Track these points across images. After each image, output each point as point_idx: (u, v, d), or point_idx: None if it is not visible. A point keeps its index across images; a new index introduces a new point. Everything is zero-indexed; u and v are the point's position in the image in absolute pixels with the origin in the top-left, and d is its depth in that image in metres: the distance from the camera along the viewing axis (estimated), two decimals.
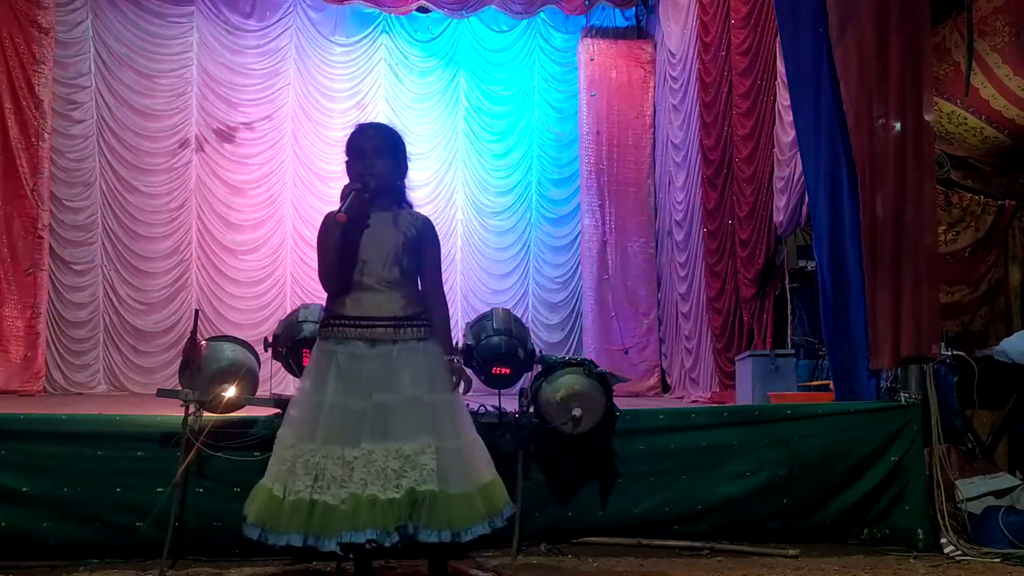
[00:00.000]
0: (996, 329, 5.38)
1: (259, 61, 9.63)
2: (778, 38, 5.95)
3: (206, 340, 3.57)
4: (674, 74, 8.93)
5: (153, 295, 9.21)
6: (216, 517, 3.41)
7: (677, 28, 8.86)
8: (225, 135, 9.48)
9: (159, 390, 3.69)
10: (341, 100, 9.79)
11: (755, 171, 7.03)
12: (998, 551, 3.59)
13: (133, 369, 9.05)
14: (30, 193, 8.48)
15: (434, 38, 10.02)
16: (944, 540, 3.68)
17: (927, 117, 4.05)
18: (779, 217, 6.47)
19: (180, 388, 3.40)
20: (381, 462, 2.59)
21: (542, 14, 9.80)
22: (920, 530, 3.74)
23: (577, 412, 3.50)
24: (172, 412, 3.47)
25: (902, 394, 3.93)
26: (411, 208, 2.88)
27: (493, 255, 10.02)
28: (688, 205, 8.53)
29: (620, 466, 3.74)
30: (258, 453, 3.35)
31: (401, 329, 2.72)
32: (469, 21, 9.85)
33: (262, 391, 3.68)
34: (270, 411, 3.57)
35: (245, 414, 3.57)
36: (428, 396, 2.69)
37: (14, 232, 8.43)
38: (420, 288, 2.84)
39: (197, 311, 3.85)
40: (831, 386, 4.56)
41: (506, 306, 6.02)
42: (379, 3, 9.32)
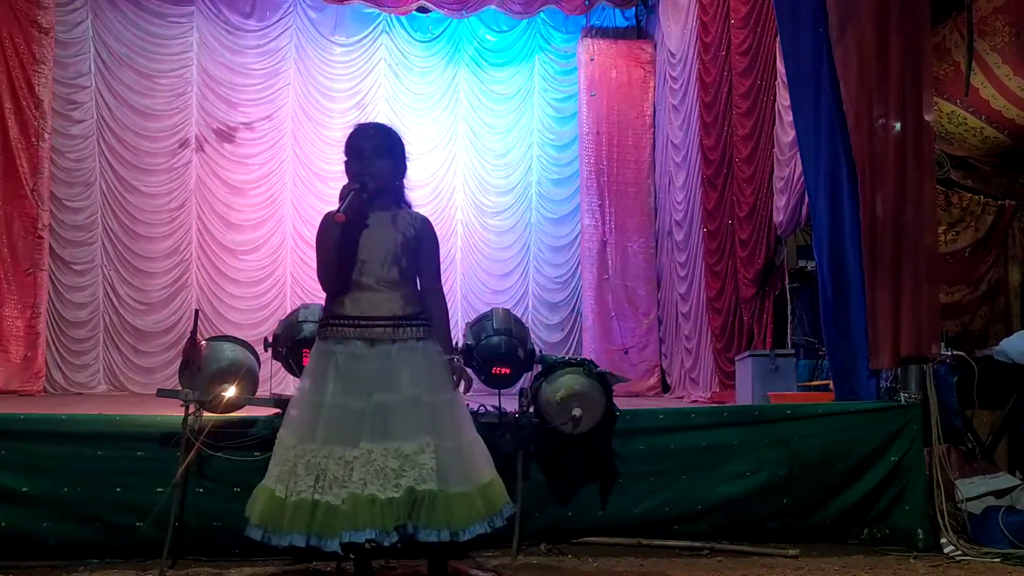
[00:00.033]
0: (996, 329, 5.38)
1: (259, 61, 9.62)
2: (778, 38, 5.95)
3: (206, 340, 3.57)
4: (674, 74, 8.92)
5: (153, 295, 9.20)
6: (216, 517, 3.41)
7: (677, 28, 8.86)
8: (225, 135, 9.48)
9: (159, 390, 3.69)
10: (341, 100, 9.78)
11: (755, 171, 7.03)
12: (998, 551, 3.59)
13: (133, 369, 9.04)
14: (30, 193, 8.47)
15: (434, 38, 10.01)
16: (944, 540, 3.68)
17: (927, 117, 4.05)
18: (779, 217, 6.47)
19: (180, 388, 3.40)
20: (380, 462, 2.59)
21: (542, 14, 9.78)
22: (920, 530, 3.74)
23: (577, 412, 3.50)
24: (172, 412, 3.47)
25: (902, 394, 3.93)
26: (410, 208, 2.88)
27: (493, 255, 10.00)
28: (688, 205, 8.53)
29: (620, 466, 3.74)
30: (258, 453, 3.35)
31: (400, 329, 2.72)
32: (469, 21, 9.85)
33: (262, 391, 3.69)
34: (270, 411, 3.57)
35: (245, 414, 3.57)
36: (427, 396, 2.69)
37: (14, 232, 8.43)
38: (419, 288, 2.84)
39: (197, 311, 3.85)
40: (831, 386, 4.56)
41: (506, 306, 6.02)
42: (379, 3, 9.32)
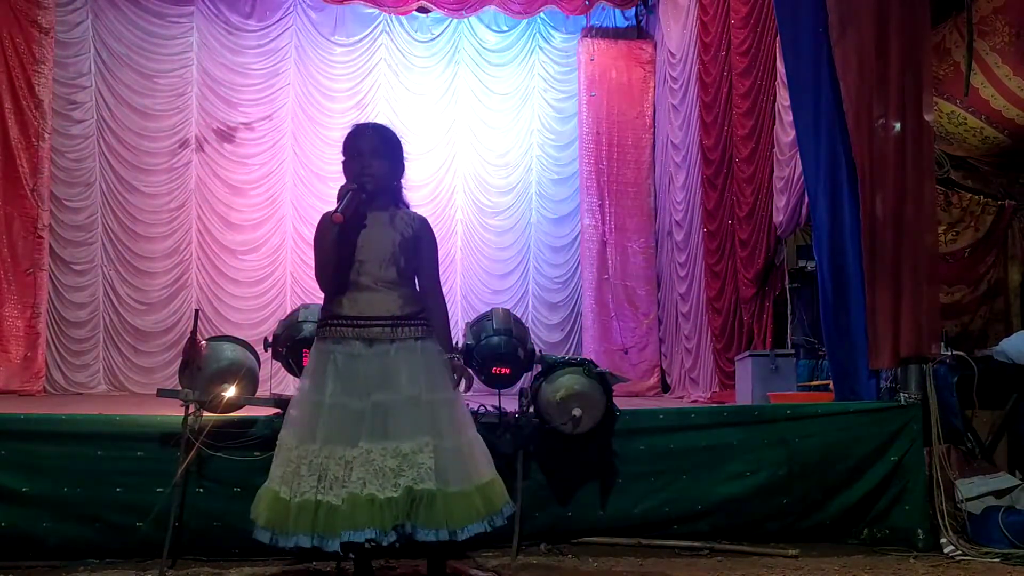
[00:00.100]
0: (996, 329, 5.37)
1: (259, 61, 9.62)
2: (778, 38, 5.95)
3: (206, 340, 3.58)
4: (674, 74, 8.92)
5: (153, 295, 9.21)
6: (216, 517, 3.42)
7: (677, 28, 8.86)
8: (225, 135, 9.48)
9: (159, 390, 3.69)
10: (341, 100, 9.78)
11: (755, 171, 7.03)
12: (998, 551, 3.59)
13: (133, 369, 9.04)
14: (30, 193, 8.48)
15: (434, 38, 10.01)
16: (944, 540, 3.68)
17: (927, 117, 4.05)
18: (779, 217, 6.47)
19: (180, 388, 3.40)
20: (379, 461, 2.59)
21: (542, 14, 9.78)
22: (920, 530, 3.74)
23: (577, 412, 3.50)
24: (172, 412, 3.47)
25: (902, 394, 3.93)
26: (408, 208, 2.88)
27: (493, 255, 9.99)
28: (688, 205, 8.53)
29: (620, 466, 3.74)
30: (258, 453, 3.36)
31: (398, 328, 2.72)
32: (469, 21, 9.85)
33: (262, 391, 3.69)
34: (270, 411, 3.57)
35: (245, 414, 3.57)
36: (426, 395, 2.69)
37: (14, 232, 8.43)
38: (418, 288, 2.84)
39: (197, 311, 3.85)
40: (831, 386, 4.55)
41: (506, 306, 6.03)
42: (379, 3, 9.32)
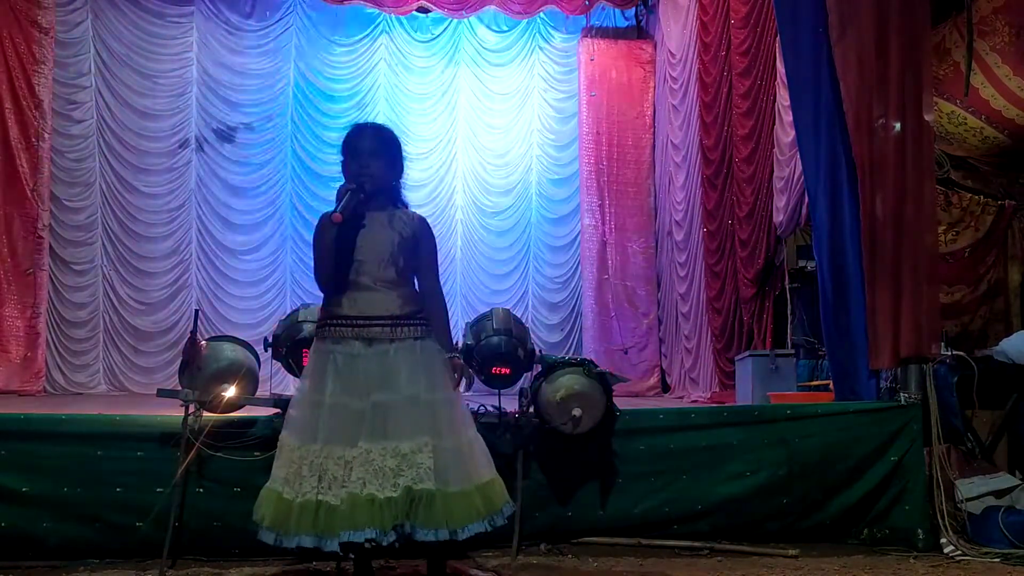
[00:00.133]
0: (996, 329, 5.37)
1: (259, 61, 9.60)
2: (778, 38, 5.95)
3: (206, 340, 3.57)
4: (674, 74, 8.92)
5: (153, 295, 9.19)
6: (216, 517, 3.42)
7: (677, 28, 8.86)
8: (225, 135, 9.48)
9: (159, 390, 3.69)
10: (341, 100, 9.77)
11: (755, 171, 7.03)
12: (998, 551, 3.59)
13: (133, 369, 9.03)
14: (30, 193, 8.47)
15: (434, 38, 10.00)
16: (944, 540, 3.68)
17: (927, 117, 4.05)
18: (779, 217, 6.47)
19: (180, 388, 3.40)
20: (378, 461, 2.59)
21: (542, 14, 9.77)
22: (920, 530, 3.74)
23: (577, 412, 3.51)
24: (172, 412, 3.47)
25: (902, 394, 3.93)
26: (407, 208, 2.88)
27: (493, 255, 9.98)
28: (688, 205, 8.53)
29: (620, 466, 3.74)
30: (258, 453, 3.36)
31: (398, 328, 2.72)
32: (469, 21, 9.84)
33: (262, 391, 3.69)
34: (270, 411, 3.57)
35: (245, 414, 3.57)
36: (426, 395, 2.69)
37: (14, 232, 8.43)
38: (417, 288, 2.84)
39: (197, 311, 3.85)
40: (831, 386, 4.56)
41: (506, 306, 6.01)
42: (379, 3, 9.31)
